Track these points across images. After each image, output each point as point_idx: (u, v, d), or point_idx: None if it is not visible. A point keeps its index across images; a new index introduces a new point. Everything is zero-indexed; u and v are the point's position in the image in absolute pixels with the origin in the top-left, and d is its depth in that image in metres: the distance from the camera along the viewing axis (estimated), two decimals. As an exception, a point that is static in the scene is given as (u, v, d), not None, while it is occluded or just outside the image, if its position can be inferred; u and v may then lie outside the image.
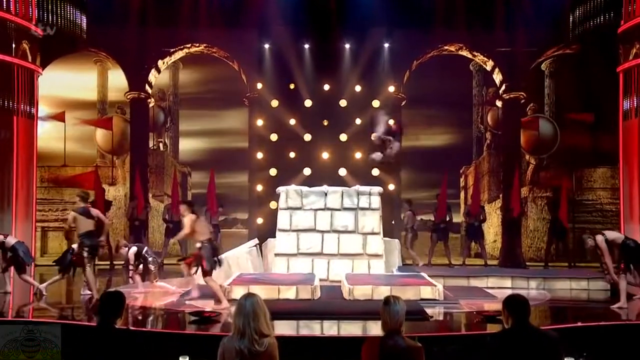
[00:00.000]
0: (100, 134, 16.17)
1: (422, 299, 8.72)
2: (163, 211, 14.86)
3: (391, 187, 14.40)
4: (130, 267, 10.04)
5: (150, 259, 9.99)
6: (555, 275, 11.07)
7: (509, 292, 9.90)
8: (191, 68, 16.44)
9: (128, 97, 15.59)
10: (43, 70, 13.80)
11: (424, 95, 15.69)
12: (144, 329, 7.29)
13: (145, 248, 10.41)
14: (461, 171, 16.65)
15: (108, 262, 13.84)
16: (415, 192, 15.55)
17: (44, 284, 9.62)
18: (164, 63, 15.77)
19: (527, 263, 14.36)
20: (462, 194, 16.48)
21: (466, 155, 16.21)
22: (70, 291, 10.24)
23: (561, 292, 10.20)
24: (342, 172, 14.49)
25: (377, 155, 14.06)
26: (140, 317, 8.22)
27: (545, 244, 14.55)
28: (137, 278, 10.01)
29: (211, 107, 16.21)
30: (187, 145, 16.44)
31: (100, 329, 4.23)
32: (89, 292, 9.38)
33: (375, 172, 14.44)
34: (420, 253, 13.84)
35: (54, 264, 10.04)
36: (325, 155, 14.70)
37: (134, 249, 10.08)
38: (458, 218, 15.27)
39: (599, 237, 8.67)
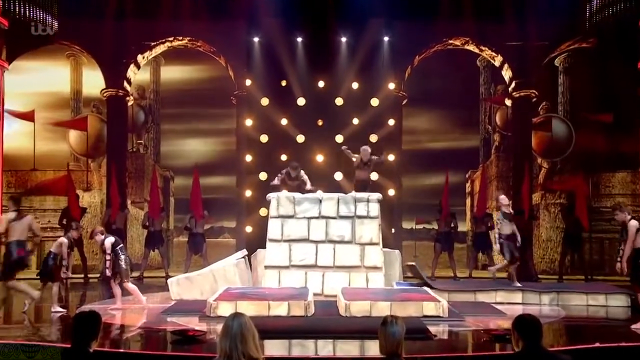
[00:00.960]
0: (73, 135, 16.17)
1: (424, 316, 8.71)
2: (143, 218, 14.80)
3: (391, 192, 14.43)
4: (107, 258, 9.88)
5: (122, 256, 9.83)
6: (570, 289, 11.03)
7: (520, 308, 10.01)
8: (174, 64, 16.48)
9: (104, 94, 15.56)
10: (9, 64, 13.76)
11: (426, 94, 15.76)
12: (122, 351, 7.26)
13: (122, 245, 10.32)
14: (467, 176, 16.71)
15: (82, 275, 13.79)
16: (416, 198, 15.63)
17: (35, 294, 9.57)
18: (143, 58, 15.76)
19: (540, 276, 14.36)
20: (467, 201, 16.55)
21: (472, 159, 16.28)
22: (39, 308, 10.16)
23: (577, 309, 10.19)
24: (338, 176, 14.52)
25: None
26: (118, 337, 8.18)
27: (559, 254, 14.55)
28: (118, 292, 9.91)
29: (196, 106, 16.26)
30: (170, 148, 16.48)
31: (74, 352, 4.21)
32: (60, 310, 9.35)
33: (374, 176, 14.44)
34: (423, 265, 13.85)
35: (38, 277, 10.01)
36: (319, 158, 14.72)
37: (111, 238, 9.98)
38: (464, 227, 15.31)
39: (634, 222, 8.52)
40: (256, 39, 14.82)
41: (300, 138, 14.74)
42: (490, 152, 16.44)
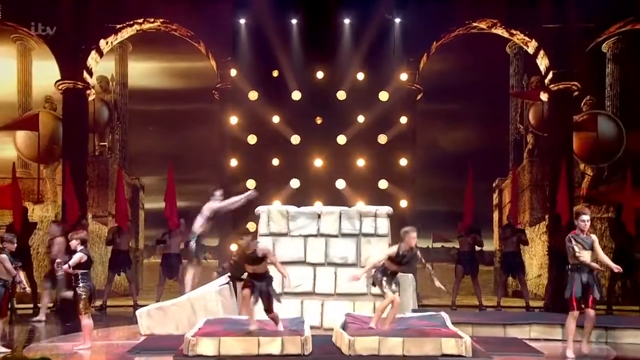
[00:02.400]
0: (22, 136, 16.16)
1: (444, 355, 8.68)
2: (107, 235, 14.83)
3: (403, 204, 14.48)
4: (65, 267, 9.83)
5: (82, 283, 9.72)
6: (621, 324, 10.82)
7: (559, 345, 9.96)
8: (144, 51, 16.51)
9: (60, 87, 15.56)
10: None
11: (445, 87, 15.78)
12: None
13: (85, 272, 10.25)
14: (494, 185, 16.71)
15: (31, 305, 13.51)
16: (433, 211, 15.79)
17: None
18: (107, 43, 15.79)
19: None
20: (495, 215, 16.59)
21: (501, 164, 16.29)
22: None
23: (630, 348, 10.00)
24: (341, 184, 14.55)
25: None
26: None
27: (606, 280, 14.30)
28: (87, 324, 9.68)
29: (170, 102, 16.32)
30: (140, 151, 16.48)
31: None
32: (3, 350, 9.31)
33: (383, 184, 14.54)
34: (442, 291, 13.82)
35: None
36: (318, 163, 14.74)
37: (84, 255, 9.93)
38: (490, 246, 15.36)
39: None
40: (243, 21, 14.86)
41: (295, 139, 14.77)
42: (522, 156, 16.43)
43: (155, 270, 14.77)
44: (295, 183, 14.58)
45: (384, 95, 14.80)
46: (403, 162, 14.65)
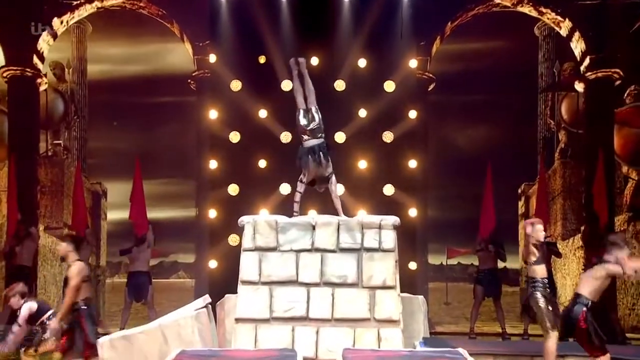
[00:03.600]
0: (-43, 134, 16.15)
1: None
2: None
3: (412, 213, 14.47)
4: (15, 328, 9.89)
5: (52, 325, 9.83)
6: None
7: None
8: (106, 32, 16.48)
9: (4, 75, 15.58)
10: None
11: (462, 75, 15.94)
12: None
13: (51, 312, 10.31)
14: (520, 190, 16.77)
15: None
16: (448, 221, 15.87)
17: None
18: (62, 23, 15.76)
19: (627, 335, 14.28)
20: (521, 225, 16.56)
21: (528, 167, 16.28)
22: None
23: None
24: (339, 190, 14.35)
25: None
26: None
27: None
28: None
29: (138, 92, 16.44)
30: (102, 150, 16.46)
31: None
32: None
33: (389, 190, 14.57)
34: (458, 315, 13.86)
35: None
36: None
37: (32, 304, 9.96)
38: (515, 263, 15.44)
39: None
40: (224, -3, 14.92)
41: (286, 137, 14.77)
42: (554, 157, 16.41)
43: (120, 292, 14.64)
44: (285, 189, 14.55)
45: (389, 86, 14.81)
46: (412, 163, 14.65)
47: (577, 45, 15.71)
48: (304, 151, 11.06)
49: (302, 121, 11.20)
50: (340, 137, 14.75)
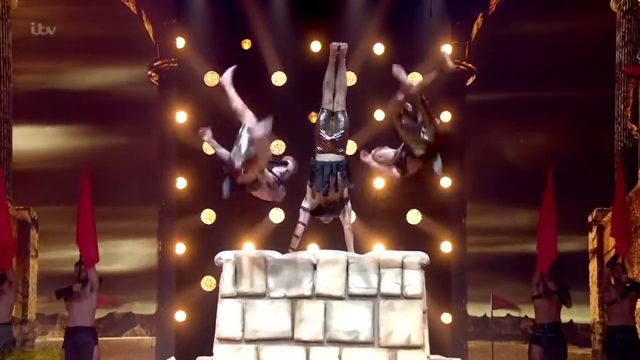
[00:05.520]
0: None
1: None
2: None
3: (446, 247, 14.43)
4: None
5: None
6: None
7: None
8: (37, 6, 16.40)
9: None
10: None
11: (511, 66, 15.86)
12: None
13: None
14: (590, 219, 16.65)
15: None
16: (491, 250, 16.13)
17: None
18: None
19: None
20: (592, 266, 16.46)
21: (601, 186, 16.04)
22: None
23: None
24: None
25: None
26: None
27: None
28: None
29: (81, 85, 16.40)
30: (31, 163, 16.40)
31: None
32: None
33: (415, 217, 14.55)
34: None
35: None
36: None
37: None
38: (586, 315, 15.34)
39: None
40: (195, -37, 15.11)
41: (279, 146, 14.87)
42: (637, 174, 16.13)
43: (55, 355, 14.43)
44: (277, 215, 14.63)
45: (415, 78, 14.28)
46: (445, 182, 14.58)
47: (669, 26, 15.89)
48: (317, 167, 10.67)
49: (323, 127, 10.85)
50: (350, 147, 14.38)
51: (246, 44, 14.81)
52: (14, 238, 14.96)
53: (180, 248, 14.51)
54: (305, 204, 11.00)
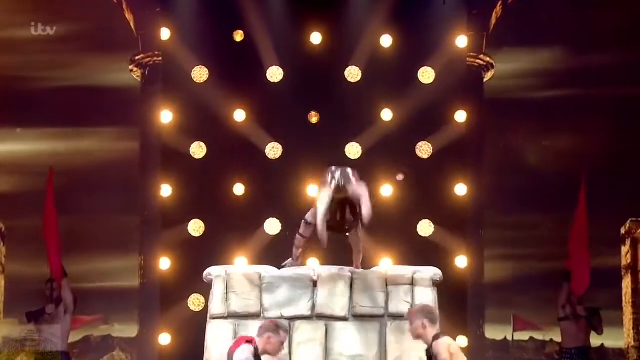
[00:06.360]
0: None
1: None
2: None
3: (461, 262, 14.40)
4: None
5: None
6: None
7: None
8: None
9: None
10: None
11: (535, 60, 15.72)
12: None
13: None
14: (624, 230, 16.61)
15: None
16: (514, 274, 15.76)
17: None
18: None
19: None
20: (625, 283, 16.38)
21: (636, 194, 15.96)
22: None
23: None
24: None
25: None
26: None
27: None
28: None
29: (55, 83, 16.35)
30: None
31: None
32: None
33: (427, 228, 14.55)
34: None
35: None
36: (312, 190, 14.35)
37: None
38: (619, 340, 15.41)
39: None
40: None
41: (274, 150, 14.83)
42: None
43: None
44: (273, 226, 14.62)
45: (427, 75, 14.86)
46: (461, 189, 14.58)
47: None
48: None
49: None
50: (353, 150, 14.82)
51: (238, 36, 14.79)
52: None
53: (164, 263, 14.43)
54: (310, 218, 10.99)
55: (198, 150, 14.71)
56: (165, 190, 14.67)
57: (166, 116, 14.77)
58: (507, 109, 16.16)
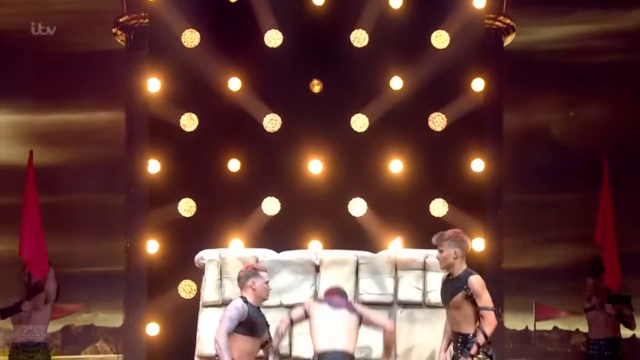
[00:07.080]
0: None
1: None
2: None
3: (478, 245, 14.33)
4: None
5: None
6: None
7: None
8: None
9: None
10: None
11: (563, 22, 15.69)
12: None
13: None
14: None
15: None
16: (535, 259, 15.94)
17: None
18: None
19: None
20: None
21: None
22: None
23: None
24: (358, 208, 14.51)
25: None
26: None
27: None
28: None
29: (35, 49, 16.34)
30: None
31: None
32: None
33: (440, 208, 14.55)
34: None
35: None
36: (315, 166, 14.71)
37: None
38: None
39: None
40: None
41: (273, 122, 14.83)
42: None
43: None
44: (271, 205, 14.58)
45: (440, 39, 14.86)
46: (477, 165, 14.64)
47: None
48: None
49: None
50: (360, 122, 14.80)
51: (232, -4, 14.79)
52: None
53: (152, 246, 14.45)
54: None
55: (189, 122, 14.71)
56: (153, 166, 14.68)
57: (154, 85, 14.75)
58: (529, 77, 16.13)
